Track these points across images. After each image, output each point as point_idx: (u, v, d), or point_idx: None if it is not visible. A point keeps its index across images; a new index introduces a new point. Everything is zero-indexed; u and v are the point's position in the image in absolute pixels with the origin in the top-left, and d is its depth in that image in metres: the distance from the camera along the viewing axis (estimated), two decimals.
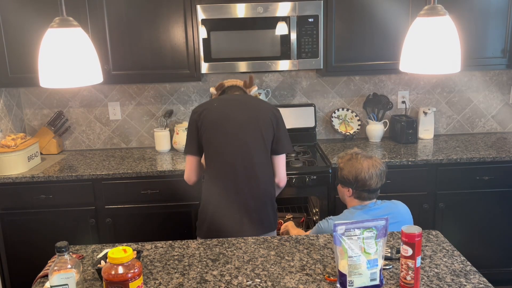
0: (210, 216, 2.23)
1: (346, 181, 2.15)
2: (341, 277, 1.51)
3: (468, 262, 1.69)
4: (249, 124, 2.23)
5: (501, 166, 2.99)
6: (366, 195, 2.13)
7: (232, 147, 2.21)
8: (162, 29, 3.01)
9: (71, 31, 1.48)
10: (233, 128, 2.22)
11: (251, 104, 2.30)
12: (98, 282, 1.64)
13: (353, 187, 2.13)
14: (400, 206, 2.19)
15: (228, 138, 2.21)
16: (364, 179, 2.09)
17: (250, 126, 2.23)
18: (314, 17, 2.97)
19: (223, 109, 2.26)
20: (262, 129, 2.22)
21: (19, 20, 2.96)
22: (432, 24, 1.45)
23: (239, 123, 2.22)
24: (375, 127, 3.43)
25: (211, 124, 2.22)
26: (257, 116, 2.24)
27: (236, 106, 2.28)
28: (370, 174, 2.09)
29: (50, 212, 2.95)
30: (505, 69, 3.39)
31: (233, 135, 2.21)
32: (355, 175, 2.11)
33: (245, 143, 2.21)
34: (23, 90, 3.44)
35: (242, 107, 2.27)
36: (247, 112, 2.25)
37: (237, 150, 2.21)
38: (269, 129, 2.24)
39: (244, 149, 2.21)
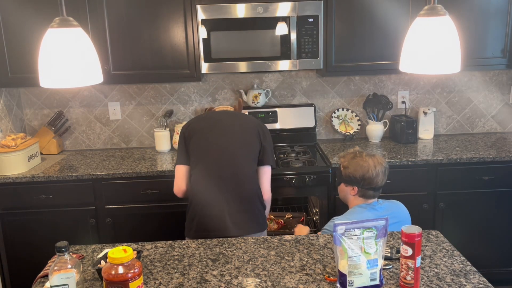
0: (198, 217, 2.24)
1: (352, 179, 2.14)
2: (341, 277, 1.51)
3: (468, 262, 1.69)
4: (235, 130, 2.32)
5: (501, 166, 2.99)
6: (372, 193, 2.14)
7: (217, 149, 2.27)
8: (162, 29, 3.01)
9: (71, 31, 1.48)
10: (218, 133, 2.31)
11: (238, 115, 2.43)
12: (98, 282, 1.64)
13: (360, 185, 2.13)
14: (400, 205, 2.21)
15: (214, 141, 2.29)
16: (372, 177, 2.10)
17: (236, 132, 2.31)
18: (314, 17, 2.97)
19: (210, 119, 2.40)
20: (248, 137, 2.31)
21: (19, 20, 2.96)
22: (432, 24, 1.45)
23: (224, 129, 2.32)
24: (375, 127, 3.43)
25: (197, 131, 2.33)
26: (243, 124, 2.35)
27: (223, 116, 2.41)
28: (377, 171, 2.11)
29: (50, 212, 2.95)
30: (505, 69, 3.39)
31: (219, 138, 2.29)
32: (362, 173, 2.11)
33: (230, 146, 2.28)
34: (23, 90, 3.44)
35: (229, 117, 2.40)
36: (234, 120, 2.37)
37: (222, 152, 2.27)
38: (255, 138, 2.31)
39: (229, 152, 2.27)
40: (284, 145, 3.43)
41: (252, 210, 2.26)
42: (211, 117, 2.43)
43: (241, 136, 2.32)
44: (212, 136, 2.31)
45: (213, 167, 2.27)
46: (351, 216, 2.08)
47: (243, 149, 2.29)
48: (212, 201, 2.24)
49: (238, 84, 3.49)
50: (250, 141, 2.31)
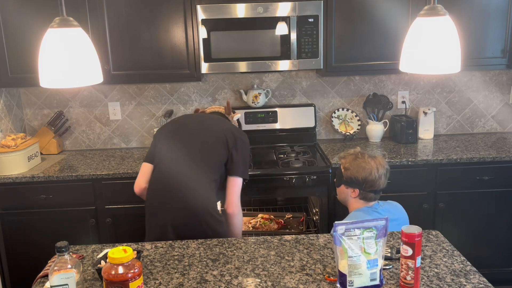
0: (147, 224, 2.23)
1: (354, 181, 2.10)
2: (341, 277, 1.51)
3: (468, 262, 1.69)
4: (198, 137, 2.25)
5: (501, 166, 2.99)
6: (373, 195, 2.10)
7: (172, 156, 2.23)
8: (162, 29, 3.01)
9: (71, 31, 1.48)
10: (180, 139, 2.27)
11: (210, 121, 2.35)
12: (98, 282, 1.64)
13: (361, 188, 2.08)
14: (399, 207, 2.19)
15: (173, 147, 2.25)
16: (374, 179, 2.06)
17: (199, 139, 2.24)
18: (314, 17, 2.97)
19: (179, 123, 2.36)
20: (211, 145, 2.22)
21: (19, 20, 2.96)
22: (432, 24, 1.45)
23: (187, 135, 2.27)
24: (375, 127, 3.43)
25: (164, 134, 2.32)
26: (210, 131, 2.26)
27: (192, 121, 2.36)
28: (380, 174, 2.07)
29: (50, 212, 2.95)
30: (505, 69, 3.39)
31: (178, 144, 2.25)
32: (365, 176, 2.06)
33: (188, 154, 2.21)
34: (23, 90, 3.44)
35: (197, 123, 2.34)
36: (201, 126, 2.30)
37: (176, 159, 2.21)
38: (220, 146, 2.21)
39: (184, 160, 2.20)
40: (284, 145, 3.43)
41: (199, 224, 2.12)
42: (181, 121, 2.40)
43: (203, 144, 2.23)
44: (173, 142, 2.26)
45: (164, 175, 2.21)
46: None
47: (201, 158, 2.20)
48: (157, 210, 2.19)
49: (238, 84, 3.49)
50: (212, 150, 2.21)
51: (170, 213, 2.15)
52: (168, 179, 2.20)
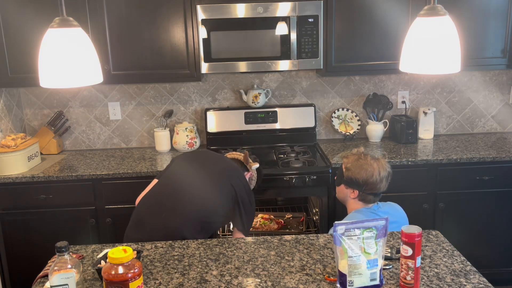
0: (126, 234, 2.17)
1: (354, 182, 2.07)
2: (341, 277, 1.51)
3: (468, 262, 1.69)
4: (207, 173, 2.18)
5: (501, 166, 2.99)
6: (372, 198, 2.08)
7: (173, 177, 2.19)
8: (162, 29, 3.01)
9: (71, 31, 1.48)
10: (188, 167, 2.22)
11: (226, 165, 2.25)
12: (98, 282, 1.64)
13: (361, 190, 2.06)
14: (399, 208, 2.18)
15: (177, 170, 2.22)
16: (375, 182, 2.03)
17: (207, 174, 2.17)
18: (314, 17, 2.97)
19: (198, 154, 2.34)
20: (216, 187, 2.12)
21: (19, 20, 2.96)
22: (432, 24, 1.45)
23: (199, 166, 2.21)
24: (375, 127, 3.43)
25: (179, 159, 2.30)
26: (221, 175, 2.17)
27: (212, 157, 2.29)
28: (381, 177, 2.03)
29: (50, 212, 2.95)
30: (505, 69, 3.39)
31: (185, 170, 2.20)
32: (366, 178, 2.03)
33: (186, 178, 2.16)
34: (23, 90, 3.44)
35: (217, 161, 2.26)
36: (217, 166, 2.21)
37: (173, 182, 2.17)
38: (227, 191, 2.13)
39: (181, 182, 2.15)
40: (284, 145, 3.43)
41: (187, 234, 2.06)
42: (202, 153, 2.36)
43: (210, 178, 2.15)
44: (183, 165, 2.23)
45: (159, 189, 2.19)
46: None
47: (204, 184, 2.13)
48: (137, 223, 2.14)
49: (238, 84, 3.49)
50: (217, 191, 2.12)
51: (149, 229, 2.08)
52: (163, 188, 2.19)
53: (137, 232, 2.09)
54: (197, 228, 2.06)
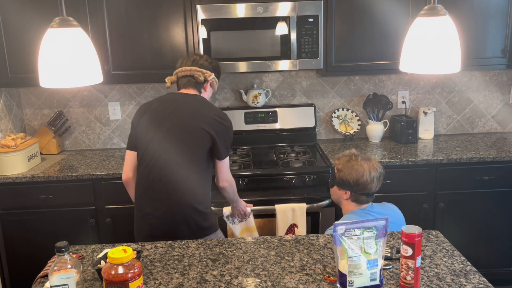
0: (136, 221, 2.28)
1: (345, 183, 2.08)
2: (341, 277, 1.51)
3: (468, 262, 1.69)
4: (179, 131, 2.19)
5: (501, 166, 2.99)
6: (365, 198, 2.08)
7: (153, 155, 2.20)
8: (162, 29, 3.01)
9: (71, 31, 1.48)
10: (160, 136, 2.20)
11: (189, 110, 2.24)
12: (98, 282, 1.64)
13: (353, 190, 2.07)
14: (394, 208, 2.17)
15: (152, 145, 2.21)
16: (366, 182, 2.03)
17: (180, 133, 2.19)
18: (314, 17, 2.97)
19: (157, 114, 2.25)
20: (193, 140, 2.18)
21: (19, 20, 2.96)
22: (432, 24, 1.45)
23: (167, 131, 2.20)
24: (375, 127, 3.43)
25: (143, 128, 2.25)
26: (190, 126, 2.19)
27: (172, 111, 2.24)
28: (372, 177, 2.04)
29: (50, 212, 2.95)
30: (505, 69, 3.39)
31: (158, 142, 2.20)
32: (356, 178, 2.04)
33: (167, 152, 2.18)
34: (23, 90, 3.44)
35: (178, 113, 2.23)
36: (182, 117, 2.21)
37: (156, 160, 2.19)
38: (203, 138, 2.19)
39: (164, 159, 2.18)
40: (284, 145, 3.43)
41: (183, 219, 2.18)
42: (160, 112, 2.26)
43: (186, 137, 2.19)
44: (155, 132, 2.21)
45: (146, 177, 2.22)
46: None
47: (183, 157, 2.18)
48: (145, 212, 2.23)
49: (238, 84, 3.49)
50: (194, 145, 2.19)
51: (158, 212, 2.20)
52: (150, 173, 2.20)
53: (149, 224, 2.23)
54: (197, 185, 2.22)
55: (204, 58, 2.42)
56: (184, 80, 2.37)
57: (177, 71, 2.38)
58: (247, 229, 2.70)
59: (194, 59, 2.39)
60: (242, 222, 2.69)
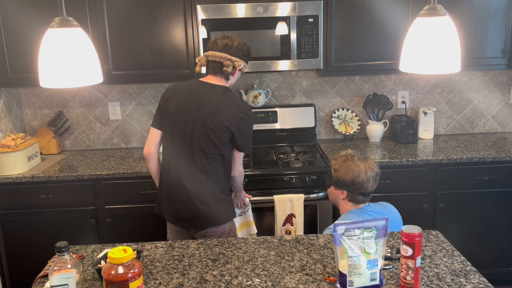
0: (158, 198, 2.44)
1: (342, 183, 2.10)
2: (341, 277, 1.51)
3: (468, 262, 1.69)
4: (201, 115, 2.22)
5: (501, 166, 2.99)
6: (361, 198, 2.09)
7: (175, 146, 2.29)
8: (162, 29, 3.01)
9: (71, 31, 1.48)
10: (183, 127, 2.26)
11: (213, 106, 2.24)
12: (98, 282, 1.64)
13: (349, 190, 2.08)
14: (391, 208, 2.18)
15: (175, 136, 2.29)
16: (362, 182, 2.05)
17: (202, 118, 2.21)
18: (314, 17, 2.97)
19: (183, 107, 2.27)
20: (213, 133, 2.21)
21: (19, 20, 2.96)
22: (432, 24, 1.45)
23: (190, 113, 2.24)
24: (375, 127, 3.43)
25: (169, 116, 2.30)
26: (215, 110, 2.22)
27: (197, 106, 2.25)
28: (368, 177, 2.06)
29: (50, 212, 2.95)
30: (505, 69, 3.39)
31: (180, 135, 2.27)
32: (352, 178, 2.06)
33: (187, 135, 2.24)
34: (23, 90, 3.44)
35: (202, 109, 2.24)
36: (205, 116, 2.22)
37: (177, 152, 2.28)
38: (222, 133, 2.22)
39: (184, 153, 2.25)
40: (284, 145, 3.43)
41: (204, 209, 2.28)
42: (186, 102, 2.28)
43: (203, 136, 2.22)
44: (174, 133, 2.28)
45: (167, 166, 2.33)
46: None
47: (201, 150, 2.23)
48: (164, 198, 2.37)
49: (238, 84, 3.49)
50: (214, 139, 2.22)
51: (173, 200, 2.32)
52: (169, 168, 2.32)
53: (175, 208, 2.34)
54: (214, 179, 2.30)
55: (235, 44, 2.31)
56: (213, 66, 2.31)
57: (208, 54, 2.32)
58: (246, 224, 2.71)
59: (226, 45, 2.29)
60: (241, 216, 2.70)
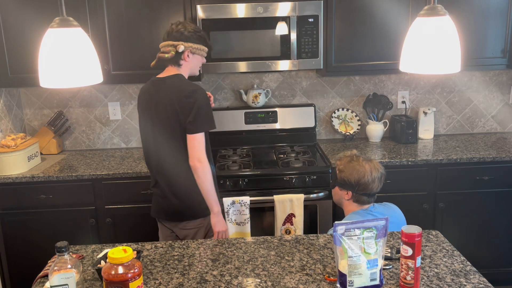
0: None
1: (347, 184, 2.09)
2: (341, 277, 1.51)
3: (468, 262, 1.69)
4: (158, 113, 2.26)
5: (501, 166, 2.99)
6: (366, 199, 2.09)
7: (146, 140, 2.38)
8: (162, 29, 3.01)
9: (71, 31, 1.48)
10: (147, 119, 2.33)
11: (164, 91, 2.27)
12: (98, 282, 1.64)
13: (354, 191, 2.08)
14: (396, 209, 2.18)
15: (145, 128, 2.36)
16: (367, 183, 2.05)
17: (159, 115, 2.26)
18: (314, 17, 2.97)
19: (144, 97, 2.36)
20: (169, 115, 2.22)
21: (19, 20, 2.96)
22: (432, 24, 1.45)
23: (151, 114, 2.30)
24: (375, 127, 3.43)
25: (140, 120, 2.41)
26: (164, 103, 2.24)
27: (153, 93, 2.30)
28: (373, 177, 2.05)
29: (50, 212, 2.95)
30: (505, 69, 3.39)
31: (152, 136, 2.33)
32: (358, 179, 2.05)
33: (154, 134, 2.30)
34: (23, 90, 3.44)
35: (157, 94, 2.28)
36: (159, 99, 2.26)
37: (149, 143, 2.35)
38: (175, 120, 2.22)
39: (154, 142, 2.33)
40: (284, 145, 3.43)
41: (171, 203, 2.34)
42: (146, 94, 2.34)
43: (163, 121, 2.25)
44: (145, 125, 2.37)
45: (146, 159, 2.43)
46: None
47: (165, 136, 2.27)
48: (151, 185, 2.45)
49: (238, 84, 3.49)
50: (172, 122, 2.23)
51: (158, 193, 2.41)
52: (154, 160, 2.37)
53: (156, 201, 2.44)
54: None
55: (177, 28, 2.27)
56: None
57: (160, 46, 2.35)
58: (242, 234, 2.72)
59: (168, 32, 2.28)
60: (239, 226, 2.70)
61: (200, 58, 2.37)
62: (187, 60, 2.31)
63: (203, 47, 2.34)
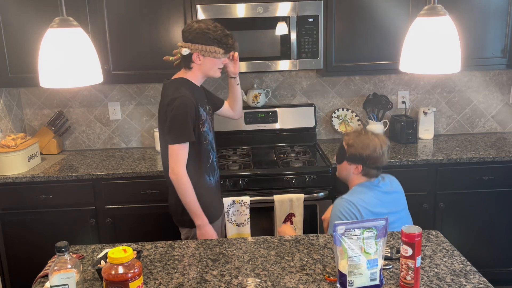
0: None
1: (357, 157, 2.09)
2: (341, 277, 1.51)
3: (468, 262, 1.69)
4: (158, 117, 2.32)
5: (501, 166, 2.99)
6: (375, 172, 2.12)
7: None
8: (162, 29, 3.01)
9: (71, 31, 1.48)
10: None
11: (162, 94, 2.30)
12: (98, 282, 1.64)
13: (365, 164, 2.09)
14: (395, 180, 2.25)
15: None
16: (378, 156, 2.07)
17: (159, 119, 2.32)
18: (314, 17, 2.97)
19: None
20: (161, 121, 2.27)
21: (19, 20, 2.96)
22: (432, 24, 1.45)
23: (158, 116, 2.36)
24: (375, 127, 3.42)
25: None
26: (160, 109, 2.28)
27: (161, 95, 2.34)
28: (383, 150, 2.08)
29: (50, 212, 2.95)
30: (505, 69, 3.39)
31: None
32: (369, 152, 2.07)
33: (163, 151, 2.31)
34: (23, 90, 3.44)
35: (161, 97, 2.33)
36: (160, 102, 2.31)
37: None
38: (163, 120, 2.23)
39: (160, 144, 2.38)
40: (284, 145, 3.43)
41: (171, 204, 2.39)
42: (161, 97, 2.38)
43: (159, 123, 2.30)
44: None
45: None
46: (355, 196, 2.05)
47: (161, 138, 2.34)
48: None
49: None
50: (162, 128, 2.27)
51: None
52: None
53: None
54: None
55: (187, 28, 2.18)
56: None
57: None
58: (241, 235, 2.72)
59: (182, 32, 2.21)
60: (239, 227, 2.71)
61: (213, 60, 2.20)
62: (197, 63, 2.19)
63: (215, 49, 2.17)
